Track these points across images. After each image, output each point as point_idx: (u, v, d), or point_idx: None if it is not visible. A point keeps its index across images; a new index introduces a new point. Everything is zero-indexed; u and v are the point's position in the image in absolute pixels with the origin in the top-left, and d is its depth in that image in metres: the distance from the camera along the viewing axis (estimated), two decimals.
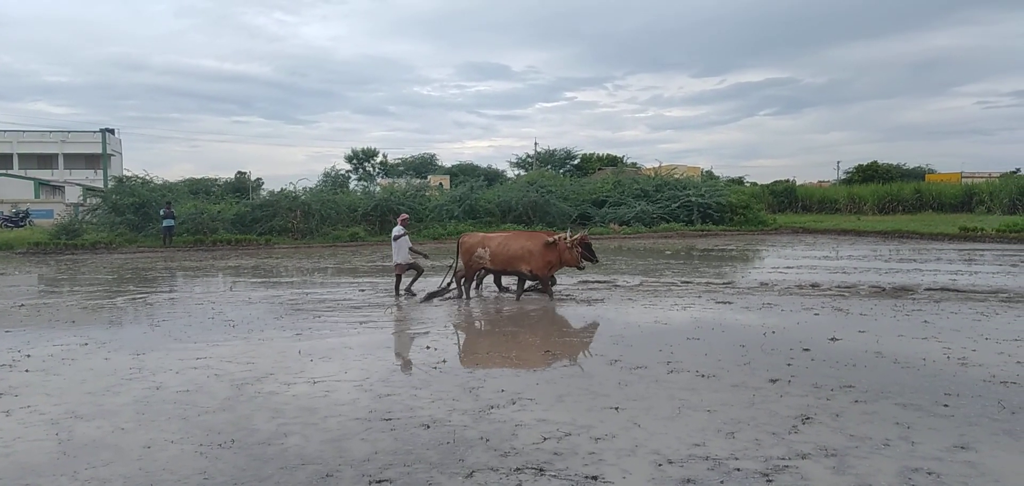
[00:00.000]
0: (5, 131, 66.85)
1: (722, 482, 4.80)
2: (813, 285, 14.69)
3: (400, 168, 72.69)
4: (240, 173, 63.78)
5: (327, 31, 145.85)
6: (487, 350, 9.25)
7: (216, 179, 50.18)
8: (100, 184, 51.79)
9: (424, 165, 71.92)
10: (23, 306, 13.33)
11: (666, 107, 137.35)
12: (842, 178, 72.51)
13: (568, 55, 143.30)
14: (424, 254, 14.92)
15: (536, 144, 73.28)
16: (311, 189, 34.14)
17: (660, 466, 5.08)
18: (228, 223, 30.77)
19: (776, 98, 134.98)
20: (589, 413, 6.33)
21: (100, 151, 60.62)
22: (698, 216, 35.67)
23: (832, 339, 9.36)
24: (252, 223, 31.27)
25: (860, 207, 46.06)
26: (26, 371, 8.17)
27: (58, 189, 55.18)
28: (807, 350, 8.70)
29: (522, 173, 60.42)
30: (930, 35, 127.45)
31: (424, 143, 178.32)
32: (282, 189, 33.43)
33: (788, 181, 59.88)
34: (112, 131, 66.31)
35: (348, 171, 71.32)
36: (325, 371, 8.02)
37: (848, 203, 47.44)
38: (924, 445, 5.42)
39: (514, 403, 6.67)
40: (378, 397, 6.94)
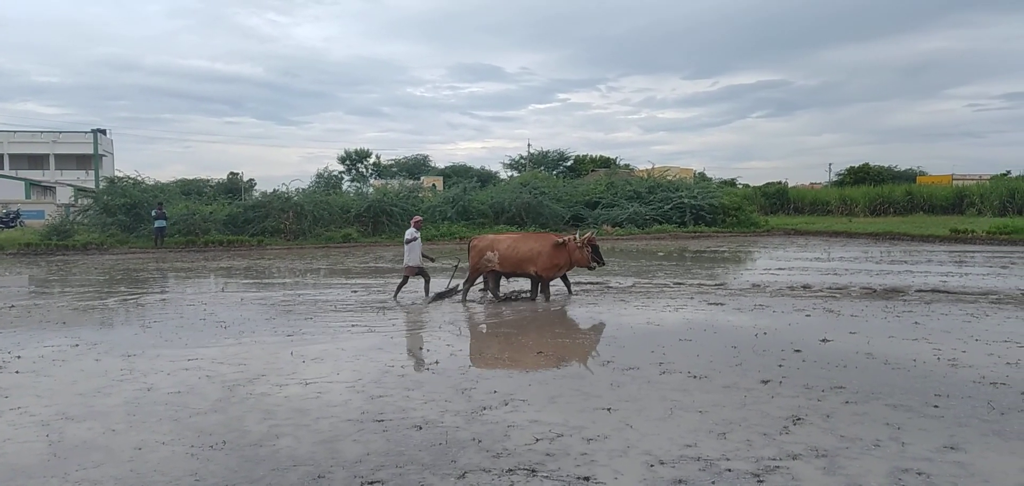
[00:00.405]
0: None
1: (713, 483, 4.82)
2: (805, 286, 14.74)
3: (393, 169, 72.61)
4: (232, 174, 63.60)
5: (320, 32, 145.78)
6: (480, 351, 9.25)
7: (208, 180, 50.06)
8: (91, 185, 51.56)
9: (417, 166, 71.83)
10: (13, 307, 13.27)
11: (659, 109, 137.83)
12: (834, 180, 72.85)
13: (561, 57, 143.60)
14: (431, 258, 14.89)
15: (529, 145, 73.63)
16: (304, 190, 34.08)
17: (652, 467, 5.09)
18: (220, 224, 30.70)
19: (768, 100, 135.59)
20: (581, 414, 6.34)
21: (91, 152, 60.39)
22: (690, 218, 35.74)
23: (823, 340, 9.40)
24: (244, 224, 31.20)
25: (852, 209, 46.25)
26: (16, 372, 8.13)
27: (49, 190, 54.87)
28: (798, 351, 8.74)
29: (515, 174, 60.48)
30: (921, 38, 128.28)
31: (417, 144, 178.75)
32: (274, 190, 33.37)
33: (780, 183, 60.12)
34: (103, 132, 66.00)
35: (341, 172, 71.42)
36: (317, 372, 8.01)
37: (840, 205, 47.64)
38: (914, 446, 5.45)
39: (507, 404, 6.67)
40: (370, 398, 6.93)
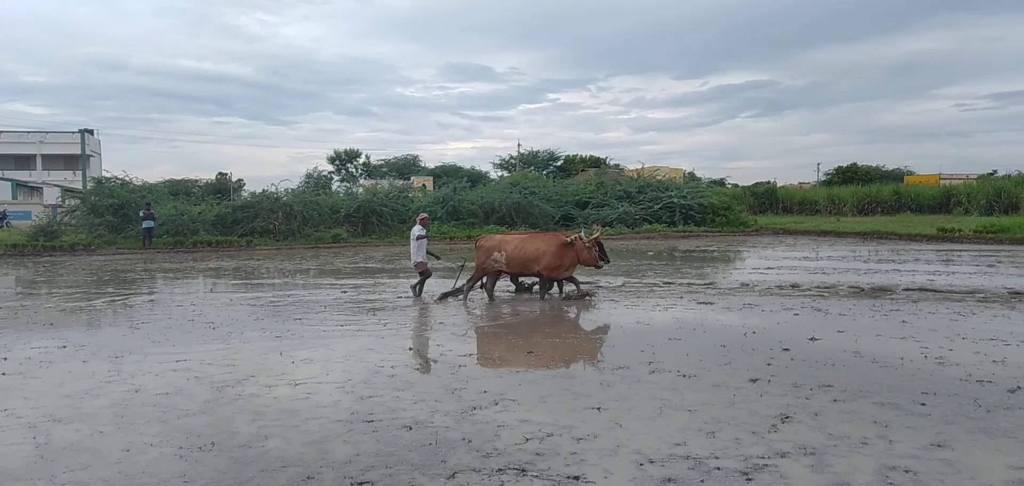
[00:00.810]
0: None
1: (702, 481, 4.84)
2: (793, 286, 14.81)
3: (383, 169, 72.52)
4: (221, 174, 63.44)
5: (309, 31, 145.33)
6: (470, 351, 9.24)
7: (197, 180, 49.92)
8: (79, 185, 51.19)
9: (407, 166, 71.78)
10: (0, 309, 13.16)
11: (648, 109, 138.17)
12: (822, 180, 73.23)
13: (551, 57, 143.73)
14: (436, 256, 14.88)
15: (519, 145, 73.64)
16: (293, 190, 34.00)
17: (641, 466, 5.11)
18: (209, 224, 30.59)
19: (757, 100, 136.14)
20: (571, 413, 6.35)
21: (79, 152, 59.91)
22: (680, 217, 35.87)
23: (811, 339, 9.45)
24: (233, 224, 31.09)
25: (840, 208, 46.53)
26: (3, 374, 8.07)
27: (36, 190, 54.50)
28: (787, 350, 8.78)
29: (505, 174, 60.53)
30: (908, 38, 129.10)
31: (407, 144, 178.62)
32: (264, 190, 33.32)
33: (769, 182, 60.41)
34: (91, 132, 65.54)
35: (330, 172, 71.25)
36: (306, 373, 7.99)
37: (828, 204, 47.92)
38: (901, 444, 5.48)
39: (496, 404, 6.67)
40: (360, 399, 6.92)
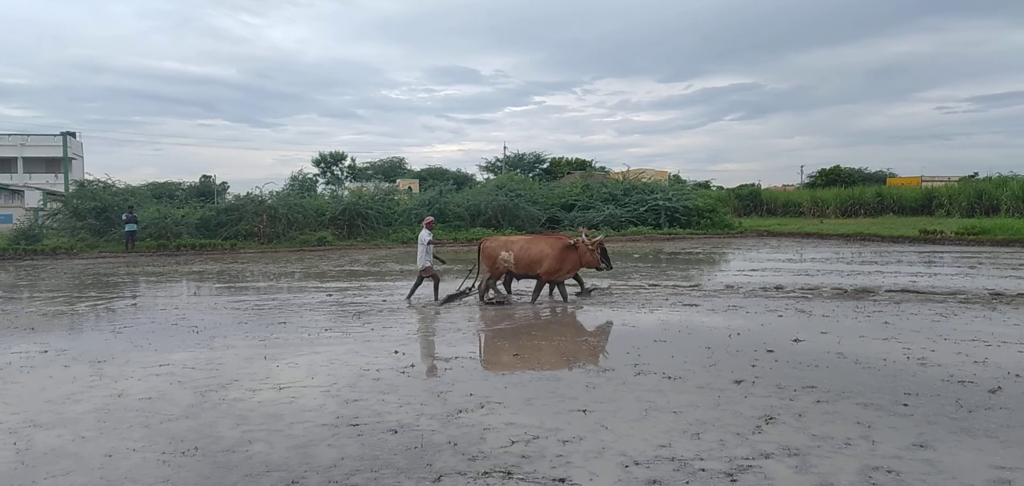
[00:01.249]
0: None
1: (687, 482, 4.86)
2: (777, 287, 14.90)
3: (369, 172, 72.25)
4: (205, 177, 62.75)
5: (293, 33, 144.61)
6: (455, 354, 9.23)
7: (180, 183, 49.27)
8: (61, 188, 50.65)
9: (393, 169, 71.57)
10: None
11: (634, 112, 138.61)
12: (806, 182, 73.73)
13: (536, 59, 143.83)
14: (441, 260, 14.85)
15: (505, 148, 73.63)
16: (278, 193, 33.74)
17: (627, 467, 5.12)
18: (192, 228, 30.36)
19: (741, 103, 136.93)
20: (557, 416, 6.35)
21: (61, 155, 59.25)
22: (665, 220, 35.99)
23: (795, 340, 9.51)
24: (217, 227, 30.86)
25: (823, 210, 46.85)
26: None
27: (17, 193, 53.83)
28: (771, 351, 8.83)
29: (491, 177, 60.50)
30: (890, 42, 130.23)
31: (393, 147, 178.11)
32: (248, 193, 33.01)
33: (753, 185, 60.80)
34: (73, 134, 64.86)
35: (316, 175, 70.96)
36: (291, 377, 7.95)
37: (811, 207, 48.26)
38: (884, 444, 5.53)
39: (482, 407, 6.67)
40: (345, 403, 6.89)
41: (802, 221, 42.39)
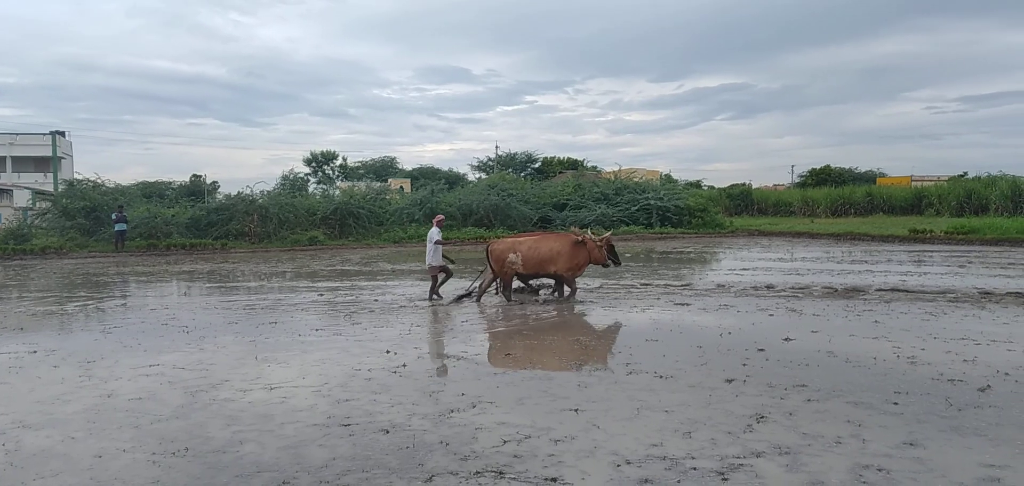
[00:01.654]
0: None
1: (679, 481, 4.86)
2: (768, 287, 14.95)
3: (360, 171, 71.98)
4: (195, 176, 62.51)
5: (284, 32, 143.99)
6: (447, 354, 9.22)
7: (170, 182, 49.02)
8: (50, 188, 50.41)
9: (384, 168, 71.36)
10: None
11: (625, 111, 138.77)
12: (796, 182, 73.95)
13: (528, 59, 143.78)
14: (451, 260, 14.87)
15: (497, 147, 73.41)
16: (269, 192, 33.64)
17: (619, 467, 5.12)
18: (182, 227, 30.26)
19: (732, 103, 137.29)
20: (549, 415, 6.35)
21: (50, 154, 58.98)
22: (657, 219, 36.06)
23: (786, 339, 9.54)
24: (207, 227, 30.77)
25: (814, 210, 47.00)
26: None
27: (6, 193, 53.41)
28: (762, 350, 8.86)
29: (483, 176, 60.41)
30: (879, 42, 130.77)
31: (384, 146, 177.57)
32: (239, 192, 32.93)
33: (744, 185, 60.90)
34: (62, 133, 64.42)
35: (307, 174, 70.62)
36: (282, 377, 7.92)
37: (802, 206, 48.40)
38: (875, 443, 5.55)
39: (474, 406, 6.66)
40: (336, 402, 6.88)
41: (793, 220, 42.54)
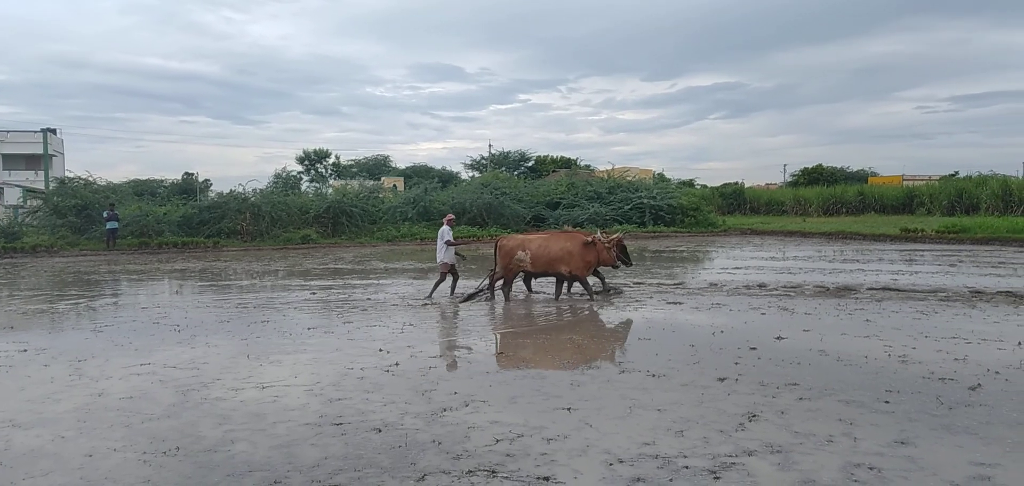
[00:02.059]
0: None
1: (671, 480, 4.87)
2: (760, 285, 14.98)
3: (353, 169, 71.94)
4: (187, 174, 62.53)
5: (277, 29, 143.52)
6: (440, 353, 9.21)
7: (162, 180, 49.08)
8: (41, 185, 50.05)
9: (378, 167, 71.32)
10: None
11: (619, 110, 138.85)
12: (789, 181, 74.21)
13: (521, 57, 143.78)
14: (462, 255, 14.89)
15: (490, 146, 73.59)
16: (261, 190, 33.53)
17: (611, 465, 5.13)
18: (174, 225, 30.16)
19: (725, 102, 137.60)
20: (541, 414, 6.35)
21: (41, 151, 58.60)
22: (650, 218, 36.09)
23: (778, 338, 9.56)
24: (199, 225, 30.67)
25: (806, 209, 47.17)
26: None
27: None
28: (754, 349, 8.87)
29: (476, 175, 60.42)
30: (872, 41, 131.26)
31: (377, 144, 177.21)
32: (231, 191, 32.82)
33: (737, 184, 61.07)
34: (53, 131, 64.04)
35: (300, 172, 70.54)
36: (274, 376, 7.90)
37: (794, 205, 48.57)
38: (866, 441, 5.57)
39: (467, 405, 6.66)
40: (329, 401, 6.86)
41: (785, 219, 42.66)
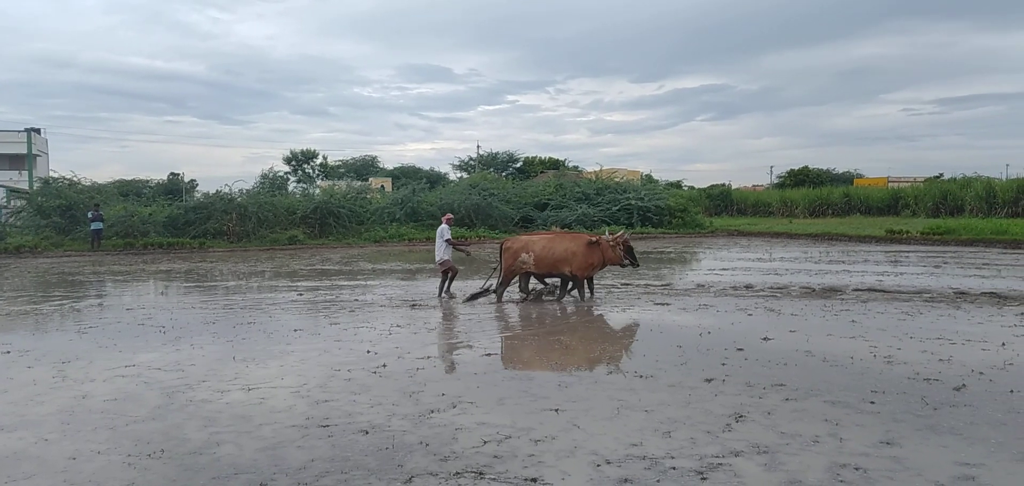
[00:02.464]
0: None
1: (658, 481, 4.87)
2: (747, 286, 15.05)
3: (341, 170, 71.83)
4: (173, 174, 62.28)
5: (263, 29, 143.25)
6: (428, 354, 9.19)
7: (147, 181, 48.81)
8: (25, 185, 49.58)
9: (365, 167, 71.23)
10: None
11: (607, 111, 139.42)
12: (775, 182, 74.73)
13: (510, 58, 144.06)
14: (466, 252, 14.88)
15: (478, 147, 73.68)
16: (248, 191, 33.37)
17: (598, 466, 5.13)
18: (160, 226, 29.98)
19: (712, 104, 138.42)
20: (529, 415, 6.34)
21: (25, 151, 58.03)
22: (638, 219, 36.22)
23: (765, 339, 9.60)
24: (185, 226, 30.50)
25: (792, 210, 47.50)
26: None
27: None
28: (741, 350, 8.90)
29: (464, 176, 60.46)
30: (858, 44, 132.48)
31: (365, 145, 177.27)
32: (217, 191, 32.68)
33: (724, 185, 61.41)
34: (38, 130, 63.41)
35: (287, 173, 70.37)
36: (260, 377, 7.85)
37: (781, 207, 48.90)
38: (852, 441, 5.60)
39: (454, 407, 6.64)
40: (315, 403, 6.82)
41: (771, 221, 42.91)
